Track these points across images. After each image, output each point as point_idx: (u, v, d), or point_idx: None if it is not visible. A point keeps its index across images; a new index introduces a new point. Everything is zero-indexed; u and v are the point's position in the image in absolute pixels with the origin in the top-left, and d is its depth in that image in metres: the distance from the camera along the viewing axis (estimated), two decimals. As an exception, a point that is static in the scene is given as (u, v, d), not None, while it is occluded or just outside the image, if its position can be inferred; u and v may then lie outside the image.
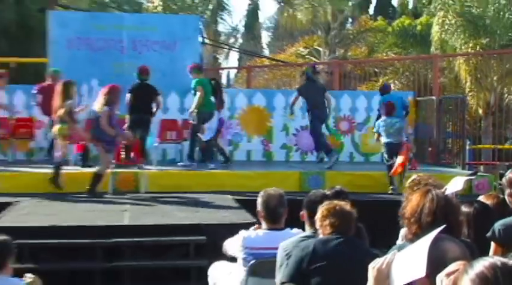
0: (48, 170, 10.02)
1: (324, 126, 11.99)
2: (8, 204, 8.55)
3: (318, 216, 4.22)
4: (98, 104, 9.55)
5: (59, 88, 9.96)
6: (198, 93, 10.94)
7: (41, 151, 12.57)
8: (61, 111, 9.67)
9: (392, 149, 10.35)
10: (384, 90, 12.37)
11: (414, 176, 4.80)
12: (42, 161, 11.99)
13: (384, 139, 10.56)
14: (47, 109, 11.61)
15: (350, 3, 29.80)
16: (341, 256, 3.98)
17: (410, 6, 35.59)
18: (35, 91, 11.91)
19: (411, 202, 3.26)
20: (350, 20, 32.10)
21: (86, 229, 7.34)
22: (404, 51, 24.89)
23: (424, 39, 22.67)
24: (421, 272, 2.26)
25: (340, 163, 13.00)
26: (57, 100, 9.77)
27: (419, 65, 20.26)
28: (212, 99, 11.37)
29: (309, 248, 4.02)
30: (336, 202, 4.29)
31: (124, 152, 11.01)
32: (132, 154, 11.07)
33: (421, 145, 14.04)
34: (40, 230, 7.22)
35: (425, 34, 22.39)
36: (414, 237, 3.07)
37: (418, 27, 25.09)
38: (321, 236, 4.17)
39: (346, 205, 4.23)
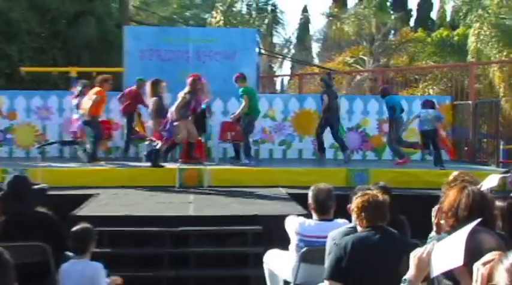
0: (124, 166, 10.22)
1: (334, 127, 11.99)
2: (89, 196, 8.73)
3: (353, 208, 4.12)
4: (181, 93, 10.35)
5: (148, 87, 10.44)
6: (244, 102, 11.05)
7: (117, 150, 12.82)
8: (150, 107, 10.22)
9: (428, 136, 11.29)
10: (385, 92, 12.19)
11: (454, 173, 4.69)
12: (119, 159, 12.24)
13: (420, 128, 11.41)
14: (127, 111, 11.91)
15: (393, 17, 29.44)
16: (379, 250, 3.87)
17: (448, 18, 34.97)
18: (120, 96, 12.23)
19: (449, 197, 3.20)
20: (392, 31, 31.64)
21: (156, 219, 7.43)
22: (443, 59, 24.46)
23: (460, 49, 22.24)
24: (459, 261, 2.22)
25: (383, 161, 12.89)
26: (148, 99, 10.62)
27: (456, 72, 19.85)
28: (258, 104, 11.64)
29: (347, 245, 3.88)
30: (368, 192, 4.19)
31: (189, 151, 11.10)
32: (196, 153, 11.18)
33: (458, 145, 13.75)
34: (117, 219, 7.35)
35: (462, 44, 21.97)
36: (451, 229, 3.01)
37: (456, 38, 24.62)
38: (358, 228, 4.08)
39: (379, 195, 4.11)
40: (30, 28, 21.23)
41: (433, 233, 4.22)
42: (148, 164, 10.45)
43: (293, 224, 5.11)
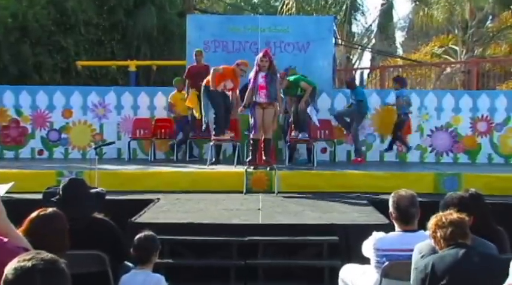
0: (187, 169, 10.38)
1: None
2: (149, 201, 8.90)
3: (429, 232, 4.14)
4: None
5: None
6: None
7: (179, 151, 13.02)
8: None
9: None
10: (352, 84, 13.09)
11: None
12: (181, 161, 12.45)
13: None
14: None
15: (490, 0, 28.62)
16: (461, 269, 3.85)
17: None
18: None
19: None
20: (490, 17, 30.80)
21: (221, 227, 7.47)
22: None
23: None
24: None
25: (478, 164, 12.59)
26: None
27: None
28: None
29: (427, 268, 3.92)
30: (442, 213, 4.18)
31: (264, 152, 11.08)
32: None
33: None
34: (179, 226, 7.43)
35: None
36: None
37: None
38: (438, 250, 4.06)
39: (454, 214, 4.10)
40: (87, 19, 21.78)
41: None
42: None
43: (370, 243, 5.06)
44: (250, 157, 10.47)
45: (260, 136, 10.37)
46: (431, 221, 4.10)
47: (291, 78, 11.70)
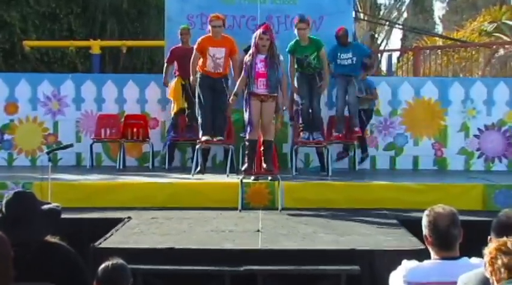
0: (166, 179, 10.41)
1: None
2: (118, 220, 8.91)
3: (485, 259, 4.08)
4: None
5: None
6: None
7: (155, 157, 13.06)
8: None
9: None
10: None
11: None
12: (158, 169, 12.46)
13: None
14: None
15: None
16: None
17: None
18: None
19: None
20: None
21: (211, 253, 7.48)
22: None
23: None
24: None
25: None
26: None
27: None
28: None
29: None
30: (506, 239, 4.13)
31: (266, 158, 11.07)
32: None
33: None
34: (155, 253, 7.45)
35: None
36: None
37: None
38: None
39: None
40: (36, -14, 21.71)
41: None
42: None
43: (400, 275, 5.04)
44: (246, 165, 10.48)
45: (257, 136, 10.40)
46: (492, 246, 4.03)
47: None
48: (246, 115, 10.48)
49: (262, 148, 10.46)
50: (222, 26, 11.50)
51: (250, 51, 10.39)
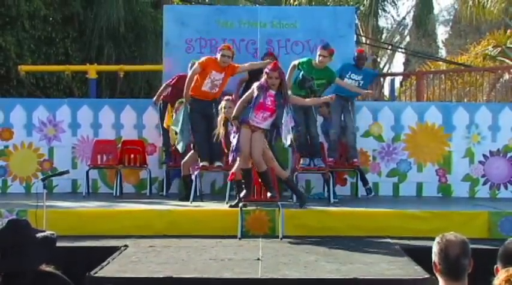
0: (163, 206, 10.40)
1: None
2: (114, 249, 8.89)
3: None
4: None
5: None
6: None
7: (153, 183, 13.06)
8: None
9: None
10: None
11: None
12: (156, 196, 12.45)
13: None
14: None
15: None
16: None
17: None
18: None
19: None
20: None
21: (210, 283, 7.45)
22: None
23: None
24: None
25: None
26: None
27: None
28: None
29: None
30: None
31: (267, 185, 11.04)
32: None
33: None
34: (153, 283, 7.41)
35: None
36: None
37: None
38: None
39: None
40: (33, 10, 21.75)
41: None
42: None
43: None
44: (244, 191, 10.45)
45: (248, 165, 10.35)
46: (501, 276, 4.01)
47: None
48: (233, 140, 10.44)
49: (259, 179, 10.46)
50: (230, 57, 11.58)
51: (261, 82, 10.31)
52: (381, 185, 13.11)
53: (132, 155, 13.05)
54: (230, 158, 10.55)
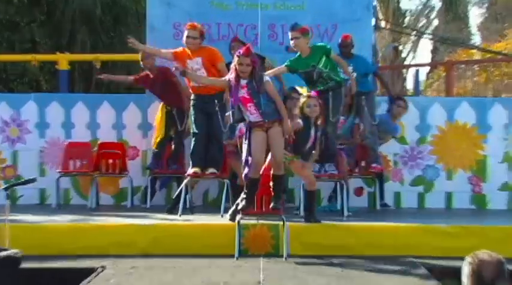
0: (147, 220, 10.42)
1: None
2: (90, 270, 8.90)
3: None
4: None
5: None
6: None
7: (135, 194, 13.14)
8: None
9: None
10: None
11: None
12: (138, 209, 12.46)
13: None
14: None
15: None
16: None
17: None
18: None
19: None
20: None
21: (201, 310, 7.50)
22: None
23: None
24: None
25: None
26: None
27: None
28: None
29: None
30: None
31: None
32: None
33: None
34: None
35: None
36: None
37: None
38: None
39: None
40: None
41: None
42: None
43: None
44: (244, 203, 10.44)
45: (260, 173, 10.27)
46: None
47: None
48: (245, 146, 10.31)
49: (271, 183, 10.37)
50: (197, 38, 11.52)
51: (232, 71, 10.04)
52: (403, 196, 13.15)
53: (110, 161, 13.06)
54: (244, 172, 10.37)
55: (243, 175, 10.23)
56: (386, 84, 14.74)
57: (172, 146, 12.65)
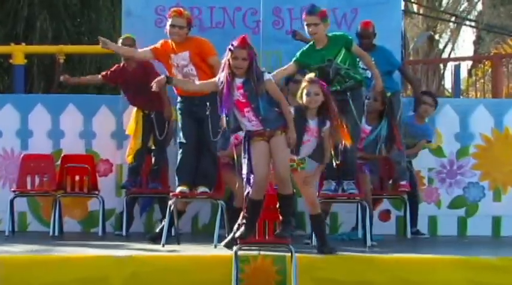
0: (123, 251, 10.45)
1: None
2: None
3: None
4: None
5: None
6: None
7: (107, 218, 13.15)
8: None
9: None
10: None
11: None
12: (112, 237, 12.49)
13: None
14: None
15: None
16: None
17: None
18: None
19: None
20: None
21: None
22: None
23: None
24: None
25: None
26: None
27: None
28: None
29: None
30: None
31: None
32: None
33: None
34: None
35: None
36: None
37: None
38: None
39: None
40: None
41: None
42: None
43: None
44: (243, 229, 10.45)
45: (264, 193, 10.23)
46: None
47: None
48: (244, 160, 10.18)
49: (278, 204, 10.31)
50: (184, 27, 11.49)
51: (223, 71, 9.70)
52: (440, 221, 13.17)
53: (76, 177, 13.07)
54: (245, 192, 10.25)
55: (245, 196, 10.19)
56: (412, 79, 14.65)
57: (153, 160, 12.67)
